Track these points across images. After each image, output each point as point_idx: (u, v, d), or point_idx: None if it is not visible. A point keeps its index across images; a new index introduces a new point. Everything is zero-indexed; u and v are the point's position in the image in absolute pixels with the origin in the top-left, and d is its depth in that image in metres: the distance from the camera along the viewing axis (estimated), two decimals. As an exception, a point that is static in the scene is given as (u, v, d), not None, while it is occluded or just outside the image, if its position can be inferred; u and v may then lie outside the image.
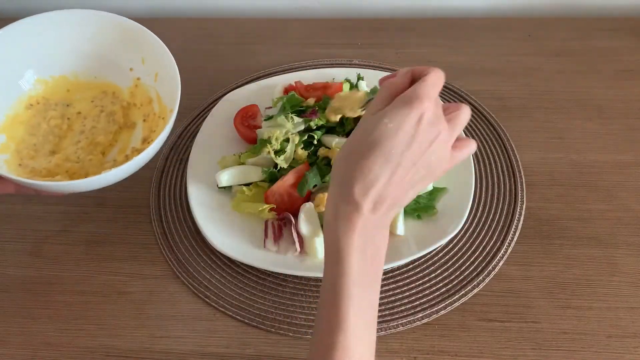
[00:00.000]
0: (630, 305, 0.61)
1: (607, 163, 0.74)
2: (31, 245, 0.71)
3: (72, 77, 0.67)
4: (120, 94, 0.68)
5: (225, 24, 1.01)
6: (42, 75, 0.66)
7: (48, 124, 0.65)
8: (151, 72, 0.66)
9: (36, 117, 0.65)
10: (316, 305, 0.63)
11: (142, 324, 0.64)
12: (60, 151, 0.64)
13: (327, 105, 0.67)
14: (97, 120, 0.67)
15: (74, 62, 0.66)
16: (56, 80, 0.66)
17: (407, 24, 0.98)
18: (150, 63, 0.66)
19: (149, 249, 0.70)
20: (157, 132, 0.64)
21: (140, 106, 0.68)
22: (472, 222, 0.69)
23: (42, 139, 0.64)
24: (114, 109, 0.67)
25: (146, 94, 0.67)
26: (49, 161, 0.62)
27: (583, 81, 0.85)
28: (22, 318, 0.65)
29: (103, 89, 0.68)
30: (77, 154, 0.64)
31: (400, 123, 0.42)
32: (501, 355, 0.59)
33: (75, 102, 0.67)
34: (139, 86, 0.67)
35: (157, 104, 0.66)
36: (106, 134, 0.66)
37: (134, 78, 0.67)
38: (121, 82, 0.68)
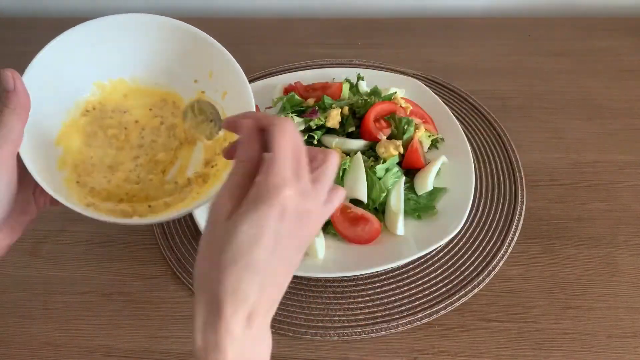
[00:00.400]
0: (630, 305, 0.61)
1: (607, 163, 0.75)
2: (31, 245, 0.71)
3: (131, 82, 0.62)
4: (181, 104, 0.62)
5: (225, 24, 1.01)
6: (100, 78, 0.60)
7: (105, 134, 0.60)
8: (218, 88, 0.60)
9: (92, 126, 0.60)
10: (316, 305, 0.63)
11: (142, 324, 0.64)
12: (118, 167, 0.59)
13: None
14: (156, 134, 0.61)
15: (134, 67, 0.61)
16: (114, 84, 0.61)
17: (407, 24, 0.98)
18: (218, 79, 0.60)
19: (149, 249, 0.70)
20: (221, 158, 0.58)
21: None
22: (472, 222, 0.69)
23: (100, 152, 0.59)
24: (175, 122, 0.62)
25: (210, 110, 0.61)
26: (108, 180, 0.58)
27: (583, 81, 0.85)
28: (22, 318, 0.65)
29: (163, 97, 0.63)
30: (136, 171, 0.59)
31: (261, 227, 0.36)
32: (501, 355, 0.59)
33: (132, 109, 0.62)
34: (202, 100, 0.62)
35: None
36: (167, 151, 0.60)
37: (198, 90, 0.61)
38: (183, 92, 0.62)
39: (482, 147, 0.77)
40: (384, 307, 0.63)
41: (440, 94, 0.83)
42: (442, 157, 0.71)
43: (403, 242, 0.65)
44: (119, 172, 0.59)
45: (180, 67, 0.61)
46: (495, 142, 0.77)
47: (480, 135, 0.78)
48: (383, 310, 0.63)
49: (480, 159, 0.75)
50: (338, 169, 0.41)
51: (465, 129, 0.77)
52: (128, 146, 0.61)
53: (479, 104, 0.82)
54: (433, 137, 0.74)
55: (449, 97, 0.83)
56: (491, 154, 0.76)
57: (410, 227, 0.67)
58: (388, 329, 0.61)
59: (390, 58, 0.91)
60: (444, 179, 0.70)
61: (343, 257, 0.65)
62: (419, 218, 0.67)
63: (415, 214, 0.67)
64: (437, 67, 0.89)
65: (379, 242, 0.66)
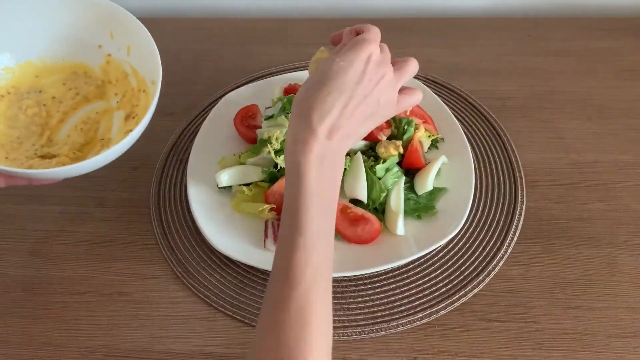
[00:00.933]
0: (630, 305, 0.61)
1: (607, 163, 0.74)
2: (31, 245, 0.71)
3: (39, 62, 0.64)
4: (92, 72, 0.66)
5: (225, 24, 1.01)
6: (7, 64, 0.62)
7: (25, 114, 0.62)
8: (122, 45, 0.63)
9: (11, 109, 0.62)
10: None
11: (142, 324, 0.64)
12: (47, 142, 0.62)
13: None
14: (74, 105, 0.64)
15: (38, 46, 0.63)
16: (22, 67, 0.63)
17: (407, 24, 0.98)
18: (119, 37, 0.63)
19: (149, 249, 0.70)
20: (140, 106, 0.61)
21: (115, 82, 0.65)
22: (472, 222, 0.69)
23: (24, 131, 0.62)
24: (89, 89, 0.65)
25: (120, 69, 0.64)
26: (36, 150, 0.60)
27: (583, 81, 0.85)
28: (22, 318, 0.65)
29: (73, 70, 0.65)
30: (67, 139, 0.62)
31: (351, 61, 0.48)
32: (501, 355, 0.59)
33: (47, 87, 0.64)
34: (111, 62, 0.65)
35: (134, 78, 0.64)
36: (89, 115, 0.64)
37: (105, 54, 0.64)
38: (91, 61, 0.65)
39: (482, 147, 0.77)
40: (384, 307, 0.63)
41: (440, 94, 0.83)
42: (442, 157, 0.71)
43: (403, 242, 0.65)
44: (48, 147, 0.61)
45: (82, 37, 0.63)
46: (495, 142, 0.77)
47: (480, 135, 0.78)
48: (383, 310, 0.63)
49: (480, 159, 0.75)
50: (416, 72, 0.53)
51: (465, 129, 0.77)
52: (51, 122, 0.63)
53: (479, 104, 0.82)
54: (433, 137, 0.74)
55: (449, 97, 0.83)
56: (491, 154, 0.76)
57: (410, 227, 0.67)
58: (388, 329, 0.61)
59: (390, 58, 0.91)
60: (444, 179, 0.70)
61: (343, 257, 0.64)
62: (419, 218, 0.67)
63: (415, 214, 0.67)
64: (437, 67, 0.89)
65: (379, 242, 0.66)
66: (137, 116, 0.59)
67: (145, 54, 0.60)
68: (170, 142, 0.81)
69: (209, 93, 0.87)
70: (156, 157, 0.79)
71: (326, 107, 0.47)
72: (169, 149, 0.80)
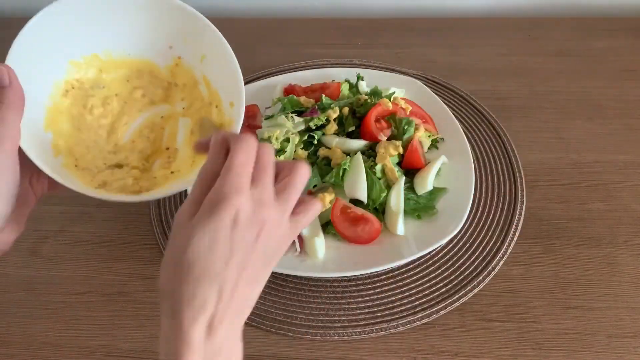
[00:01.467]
0: (630, 305, 0.61)
1: (607, 163, 0.75)
2: (31, 245, 0.71)
3: (104, 56, 0.61)
4: (158, 72, 0.62)
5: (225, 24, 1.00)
6: (73, 57, 0.59)
7: (91, 114, 0.59)
8: (196, 53, 0.60)
9: (76, 106, 0.59)
10: (316, 305, 0.63)
11: (142, 324, 0.64)
12: (113, 148, 0.60)
13: None
14: (139, 107, 0.61)
15: (105, 40, 0.60)
16: (88, 60, 0.60)
17: (407, 24, 0.98)
18: (193, 43, 0.60)
19: (149, 249, 0.70)
20: (216, 123, 0.58)
21: (183, 87, 0.62)
22: (472, 222, 0.69)
23: (92, 134, 0.59)
24: (156, 91, 0.61)
25: (190, 74, 0.61)
26: (104, 162, 0.58)
27: (583, 81, 0.85)
28: (22, 318, 0.65)
29: (138, 67, 0.62)
30: (132, 145, 0.60)
31: (213, 236, 0.37)
32: (501, 355, 0.59)
33: (110, 84, 0.61)
34: (180, 65, 0.61)
35: (205, 88, 0.60)
36: (155, 121, 0.61)
37: (174, 57, 0.61)
38: (159, 60, 0.61)
39: (482, 147, 0.77)
40: (384, 307, 0.63)
41: (440, 94, 0.83)
42: (442, 157, 0.71)
43: (403, 242, 0.65)
44: (115, 153, 0.59)
45: (153, 35, 0.60)
46: (495, 142, 0.77)
47: (480, 135, 0.78)
48: (383, 310, 0.63)
49: (480, 159, 0.75)
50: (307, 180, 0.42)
51: (465, 129, 0.77)
52: (118, 124, 0.60)
53: (479, 104, 0.82)
54: (433, 137, 0.74)
55: (449, 97, 0.83)
56: (491, 154, 0.76)
57: (410, 227, 0.67)
58: (388, 329, 0.61)
59: (390, 58, 0.91)
60: (444, 179, 0.70)
61: (343, 257, 0.65)
62: (419, 218, 0.67)
63: (415, 214, 0.67)
64: (437, 67, 0.89)
65: (379, 242, 0.66)
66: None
67: (224, 70, 0.57)
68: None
69: (209, 93, 0.87)
70: (156, 157, 0.79)
71: (197, 306, 0.36)
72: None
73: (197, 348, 0.36)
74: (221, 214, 0.37)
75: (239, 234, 0.37)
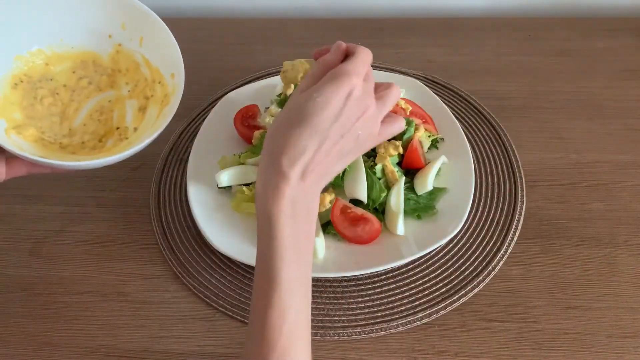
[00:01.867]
0: (630, 305, 0.61)
1: (607, 163, 0.75)
2: (31, 245, 0.71)
3: (49, 50, 0.65)
4: (101, 61, 0.66)
5: (225, 24, 1.01)
6: (18, 52, 0.63)
7: (42, 104, 0.64)
8: (134, 36, 0.64)
9: (27, 98, 0.63)
10: (315, 305, 0.63)
11: (142, 324, 0.64)
12: (68, 132, 0.64)
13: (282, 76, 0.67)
14: (86, 93, 0.66)
15: (47, 34, 0.64)
16: (33, 55, 0.64)
17: (407, 24, 0.98)
18: (131, 28, 0.64)
19: (149, 249, 0.70)
20: (156, 97, 0.63)
21: (126, 72, 0.66)
22: (472, 222, 0.69)
23: (45, 122, 0.63)
24: (101, 78, 0.66)
25: (131, 59, 0.65)
26: (60, 142, 0.62)
27: (583, 81, 0.85)
28: (22, 318, 0.65)
29: (82, 58, 0.66)
30: (84, 128, 0.63)
31: (329, 98, 0.43)
32: (501, 355, 0.59)
33: (57, 76, 0.65)
34: (121, 52, 0.65)
35: (147, 68, 0.65)
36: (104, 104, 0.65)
37: (115, 44, 0.65)
38: (100, 50, 0.66)
39: (482, 147, 0.77)
40: (384, 307, 0.63)
41: (440, 94, 0.83)
42: (442, 157, 0.71)
43: (403, 242, 0.65)
44: (70, 137, 0.62)
45: (92, 26, 0.64)
46: (495, 142, 0.77)
47: (480, 135, 0.78)
48: (383, 310, 0.63)
49: (480, 159, 0.75)
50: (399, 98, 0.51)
51: (465, 129, 0.77)
52: (69, 110, 0.64)
53: (479, 104, 0.82)
54: (433, 137, 0.74)
55: (449, 97, 0.83)
56: (491, 154, 0.76)
57: (410, 227, 0.67)
58: (388, 329, 0.61)
59: (390, 58, 0.91)
60: (444, 179, 0.70)
61: (343, 257, 0.65)
62: (419, 218, 0.67)
63: (415, 214, 0.67)
64: (437, 67, 0.89)
65: (379, 242, 0.66)
66: (163, 105, 0.60)
67: (162, 46, 0.61)
68: (170, 142, 0.81)
69: (209, 93, 0.87)
70: (156, 157, 0.79)
71: (298, 150, 0.43)
72: (169, 149, 0.80)
73: (293, 185, 0.43)
74: (341, 84, 0.44)
75: (348, 106, 0.44)
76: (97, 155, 0.60)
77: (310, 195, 0.45)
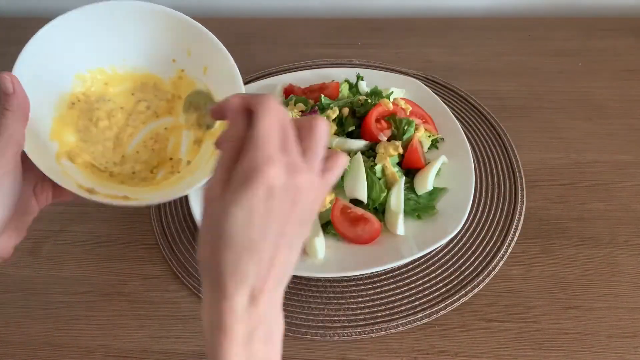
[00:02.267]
0: (630, 305, 0.61)
1: (607, 163, 0.75)
2: (31, 245, 0.71)
3: (110, 70, 0.62)
4: (162, 85, 0.63)
5: (225, 24, 1.01)
6: (79, 70, 0.60)
7: (97, 127, 0.60)
8: (198, 65, 0.61)
9: (82, 119, 0.60)
10: (316, 305, 0.63)
11: (142, 324, 0.64)
12: (120, 159, 0.61)
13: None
14: (143, 119, 0.62)
15: (111, 54, 0.61)
16: (93, 74, 0.61)
17: (407, 24, 0.98)
18: (197, 56, 0.61)
19: (149, 249, 0.70)
20: (218, 131, 0.58)
21: None
22: (472, 222, 0.69)
23: (99, 147, 0.60)
24: (159, 103, 0.62)
25: (193, 86, 0.62)
26: (111, 170, 0.59)
27: (583, 81, 0.85)
28: (22, 318, 0.65)
29: (142, 81, 0.63)
30: (137, 156, 0.61)
31: (249, 210, 0.36)
32: (501, 355, 0.59)
33: (115, 97, 0.62)
34: (184, 78, 0.62)
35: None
36: (159, 132, 0.62)
37: (178, 69, 0.62)
38: (162, 73, 0.63)
39: (482, 147, 0.77)
40: (384, 307, 0.63)
41: (440, 94, 0.83)
42: (442, 157, 0.71)
43: (403, 242, 0.65)
44: (121, 165, 0.60)
45: (157, 49, 0.61)
46: (495, 142, 0.77)
47: (480, 135, 0.78)
48: (383, 310, 0.63)
49: (480, 159, 0.75)
50: (328, 133, 0.40)
51: (465, 129, 0.77)
52: (123, 135, 0.61)
53: (479, 104, 0.82)
54: (433, 137, 0.74)
55: (449, 97, 0.83)
56: (491, 154, 0.76)
57: (410, 227, 0.67)
58: (388, 329, 0.61)
59: (390, 58, 0.91)
60: (444, 179, 0.70)
61: (343, 257, 0.65)
62: (419, 218, 0.67)
63: (415, 214, 0.67)
64: (437, 67, 0.89)
65: (379, 242, 0.66)
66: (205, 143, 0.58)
67: (226, 79, 0.57)
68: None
69: (209, 93, 0.87)
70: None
71: (239, 277, 0.37)
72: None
73: (242, 318, 0.37)
74: (255, 187, 0.35)
75: (274, 204, 0.36)
76: (148, 190, 0.57)
77: (267, 317, 0.39)
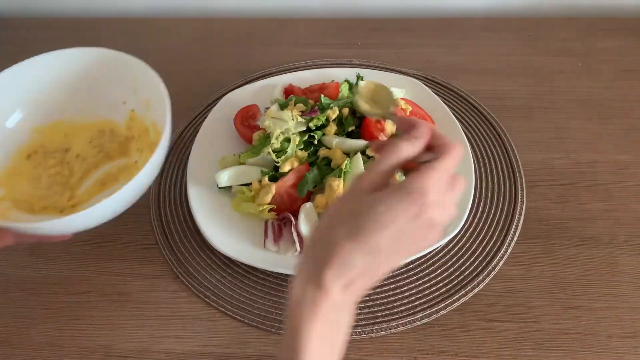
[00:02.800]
0: (630, 305, 0.61)
1: (607, 163, 0.74)
2: (31, 245, 0.71)
3: (68, 122, 0.65)
4: (118, 129, 0.66)
5: (225, 24, 1.01)
6: (37, 123, 0.64)
7: (48, 174, 0.63)
8: (144, 101, 0.63)
9: (37, 169, 0.63)
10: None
11: (142, 324, 0.64)
12: (69, 198, 0.63)
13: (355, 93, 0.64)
14: (94, 162, 0.65)
15: (67, 105, 0.65)
16: (52, 127, 0.64)
17: (407, 24, 0.98)
18: (142, 92, 0.63)
19: (149, 249, 0.70)
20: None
21: (138, 138, 0.66)
22: (472, 222, 0.69)
23: (47, 192, 0.62)
24: (112, 146, 0.65)
25: (142, 125, 0.65)
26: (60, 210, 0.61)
27: (583, 81, 0.85)
28: (22, 318, 0.65)
29: (100, 128, 0.66)
30: (87, 192, 0.63)
31: (395, 216, 0.37)
32: (501, 355, 0.59)
33: (74, 146, 0.65)
34: (134, 118, 0.65)
35: (153, 132, 0.64)
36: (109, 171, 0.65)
37: (129, 110, 0.65)
38: (117, 117, 0.66)
39: (482, 147, 0.77)
40: (384, 307, 0.63)
41: (440, 94, 0.83)
42: (442, 157, 0.71)
43: (403, 242, 0.65)
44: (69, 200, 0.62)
45: (111, 95, 0.64)
46: (495, 142, 0.77)
47: (480, 135, 0.78)
48: (383, 310, 0.63)
49: (480, 159, 0.75)
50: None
51: (465, 129, 0.77)
52: (73, 179, 0.64)
53: (479, 104, 0.82)
54: (433, 137, 0.74)
55: (449, 97, 0.83)
56: (491, 154, 0.76)
57: (410, 227, 0.66)
58: (388, 329, 0.61)
59: (390, 58, 0.91)
60: (444, 179, 0.70)
61: (343, 257, 0.64)
62: (419, 218, 0.67)
63: (415, 214, 0.67)
64: (437, 67, 0.89)
65: (379, 242, 0.66)
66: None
67: (161, 107, 0.59)
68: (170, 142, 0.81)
69: (209, 93, 0.87)
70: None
71: (346, 265, 0.38)
72: (169, 149, 0.80)
73: (333, 300, 0.39)
74: (412, 203, 0.38)
75: (413, 228, 0.38)
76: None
77: (346, 310, 0.41)
